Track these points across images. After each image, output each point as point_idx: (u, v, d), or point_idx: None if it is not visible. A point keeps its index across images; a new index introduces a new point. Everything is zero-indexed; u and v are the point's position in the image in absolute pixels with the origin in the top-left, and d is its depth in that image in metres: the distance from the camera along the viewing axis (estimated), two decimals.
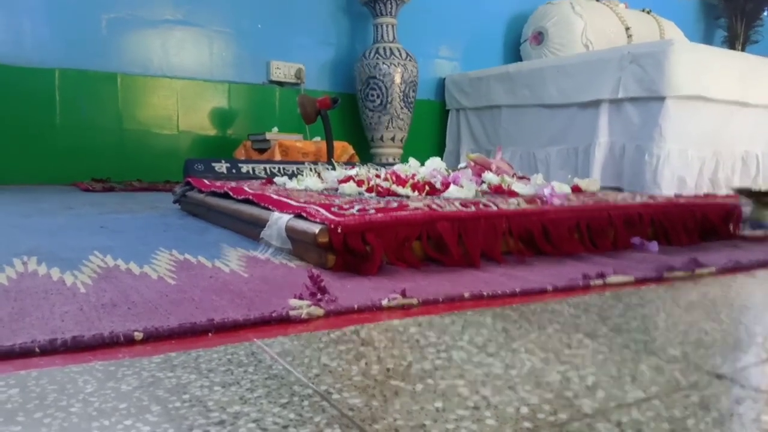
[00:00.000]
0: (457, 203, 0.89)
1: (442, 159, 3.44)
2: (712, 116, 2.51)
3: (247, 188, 1.07)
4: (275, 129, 2.57)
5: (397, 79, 2.94)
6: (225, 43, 2.84)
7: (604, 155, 2.56)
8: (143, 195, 1.96)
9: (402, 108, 2.99)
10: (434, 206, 0.86)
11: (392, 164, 3.03)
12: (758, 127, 2.72)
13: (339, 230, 0.71)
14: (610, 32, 3.32)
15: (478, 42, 3.63)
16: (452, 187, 1.01)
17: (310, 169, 1.30)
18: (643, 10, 3.63)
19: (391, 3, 2.91)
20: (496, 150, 1.25)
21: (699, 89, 2.40)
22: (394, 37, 2.99)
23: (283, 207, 0.87)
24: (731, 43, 4.38)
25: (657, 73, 2.33)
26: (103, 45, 2.57)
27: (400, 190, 0.99)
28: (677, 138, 2.38)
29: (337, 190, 1.10)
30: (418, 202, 0.87)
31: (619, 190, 2.51)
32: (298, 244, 0.79)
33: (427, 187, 1.04)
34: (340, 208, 0.81)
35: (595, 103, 2.59)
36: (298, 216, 0.80)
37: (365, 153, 3.11)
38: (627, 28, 3.33)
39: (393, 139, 3.04)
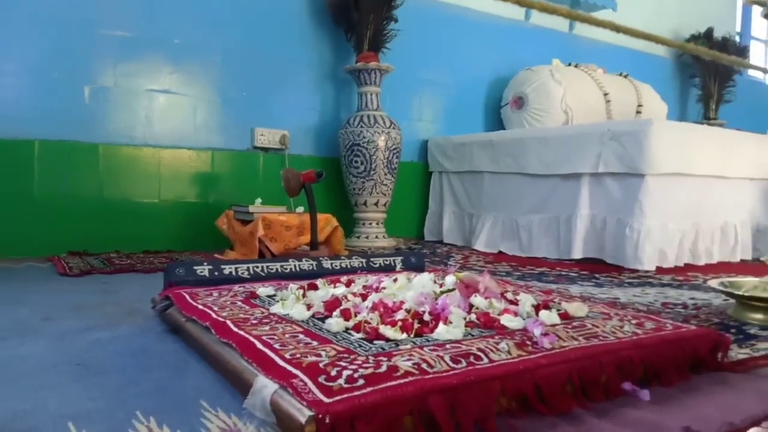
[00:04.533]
0: (447, 357, 0.87)
1: (425, 219, 3.44)
2: (691, 190, 2.55)
3: (230, 324, 1.03)
4: (258, 201, 2.54)
5: (381, 146, 2.94)
6: (209, 111, 2.83)
7: (586, 227, 2.58)
8: (122, 280, 1.91)
9: (385, 174, 2.99)
10: (424, 365, 0.83)
11: (376, 234, 3.01)
12: (736, 198, 2.77)
13: (327, 420, 0.68)
14: (589, 98, 3.38)
15: (460, 105, 3.68)
16: (441, 327, 0.99)
17: (297, 280, 1.27)
18: (621, 74, 3.71)
19: (375, 73, 2.93)
20: (483, 273, 1.24)
21: (678, 166, 2.44)
22: (378, 105, 3.01)
23: (266, 367, 0.83)
24: (705, 102, 4.49)
25: (637, 152, 2.36)
26: (86, 115, 2.55)
27: (388, 332, 0.96)
28: (657, 213, 2.41)
29: (323, 320, 1.07)
30: (407, 360, 0.85)
31: (601, 262, 2.51)
32: (283, 421, 0.75)
33: (415, 324, 1.01)
34: (328, 377, 0.78)
35: (577, 176, 2.61)
36: (283, 387, 0.77)
37: (349, 217, 3.10)
38: (605, 94, 3.39)
39: (377, 204, 3.04)
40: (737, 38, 5.39)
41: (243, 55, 2.89)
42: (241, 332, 0.98)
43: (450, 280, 1.25)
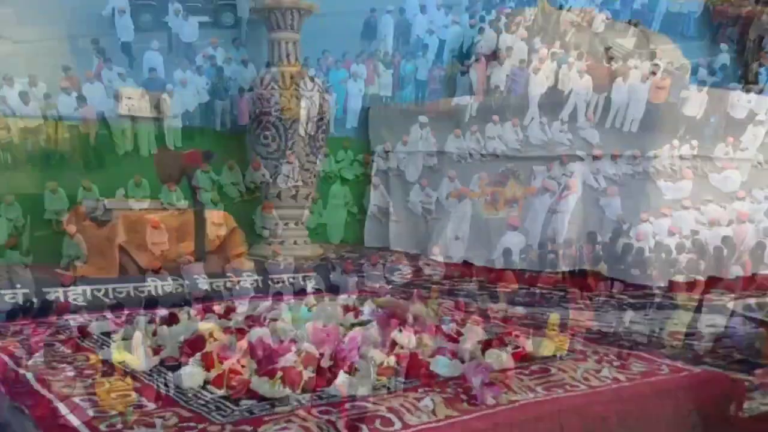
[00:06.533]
0: (340, 425, 0.83)
1: (365, 221, 3.41)
2: (714, 186, 2.61)
3: (31, 378, 0.96)
4: (120, 192, 2.45)
5: (302, 116, 2.89)
6: (48, 62, 2.71)
7: (577, 229, 2.60)
8: None
9: (308, 155, 2.95)
10: None
11: (295, 238, 2.96)
12: None
13: None
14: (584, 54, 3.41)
15: (415, 62, 3.66)
16: (341, 377, 0.94)
17: (147, 320, 1.21)
18: (629, 22, 3.74)
19: (291, 14, 2.85)
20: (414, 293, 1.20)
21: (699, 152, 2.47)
22: (296, 59, 2.95)
23: None
24: (743, 61, 4.58)
25: (643, 134, 2.40)
26: None
27: (263, 388, 0.91)
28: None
29: (174, 370, 1.01)
30: (280, 431, 0.80)
31: (597, 276, 2.52)
32: None
33: (306, 373, 0.96)
34: None
35: (567, 158, 2.63)
36: None
37: (257, 216, 3.04)
38: (607, 49, 3.44)
39: (295, 196, 2.98)
40: None
41: None
42: (44, 391, 0.92)
43: (367, 309, 1.21)
